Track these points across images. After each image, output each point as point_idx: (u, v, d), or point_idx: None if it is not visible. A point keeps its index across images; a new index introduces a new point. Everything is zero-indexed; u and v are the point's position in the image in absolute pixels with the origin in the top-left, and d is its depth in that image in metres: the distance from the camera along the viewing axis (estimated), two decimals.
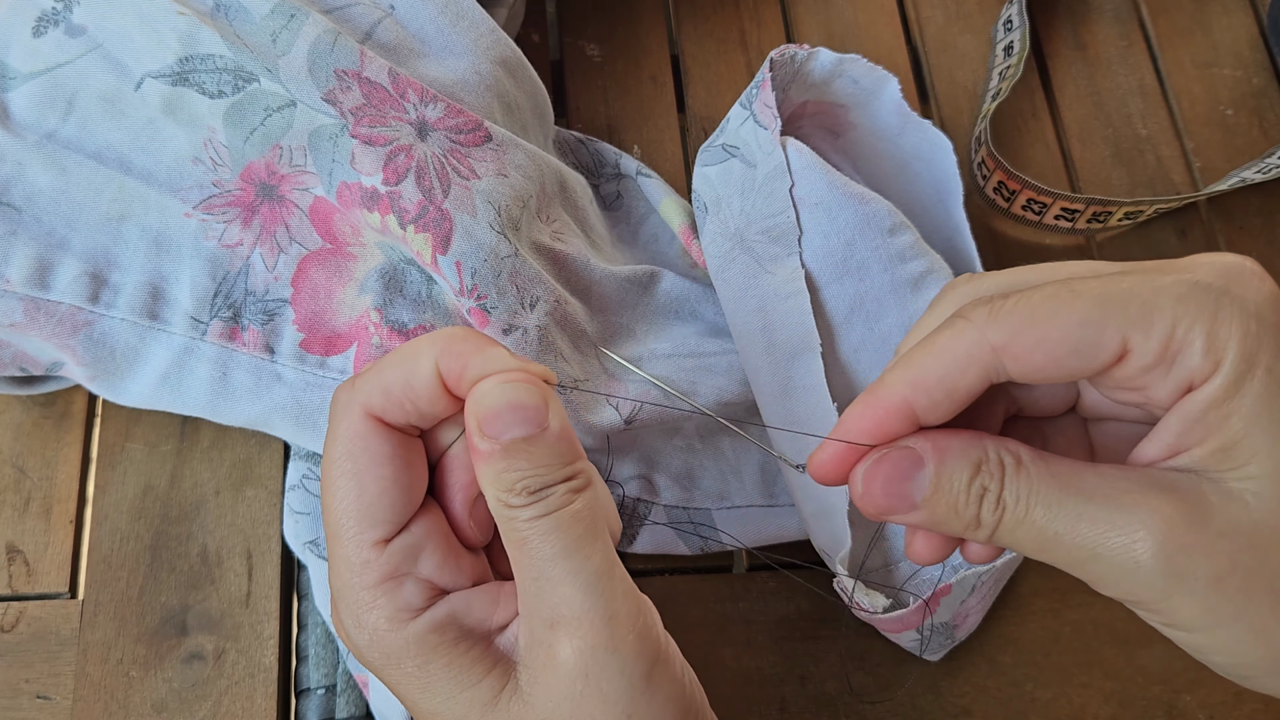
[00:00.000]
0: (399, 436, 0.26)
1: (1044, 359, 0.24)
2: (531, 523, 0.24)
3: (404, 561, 0.26)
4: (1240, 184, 0.48)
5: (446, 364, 0.25)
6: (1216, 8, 0.54)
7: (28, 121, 0.37)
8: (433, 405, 0.25)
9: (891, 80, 0.42)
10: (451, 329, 0.26)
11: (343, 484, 0.26)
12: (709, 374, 0.42)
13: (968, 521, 0.24)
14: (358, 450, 0.26)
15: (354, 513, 0.26)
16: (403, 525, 0.26)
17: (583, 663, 0.24)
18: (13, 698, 0.39)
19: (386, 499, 0.26)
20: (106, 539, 0.41)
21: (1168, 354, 0.23)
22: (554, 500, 0.24)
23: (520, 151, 0.39)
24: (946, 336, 0.24)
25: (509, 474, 0.24)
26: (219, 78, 0.37)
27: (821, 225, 0.38)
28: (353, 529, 0.26)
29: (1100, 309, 0.23)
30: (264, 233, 0.38)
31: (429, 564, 0.26)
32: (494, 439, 0.24)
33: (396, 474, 0.26)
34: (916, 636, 0.38)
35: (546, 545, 0.24)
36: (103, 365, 0.38)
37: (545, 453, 0.24)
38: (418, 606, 0.26)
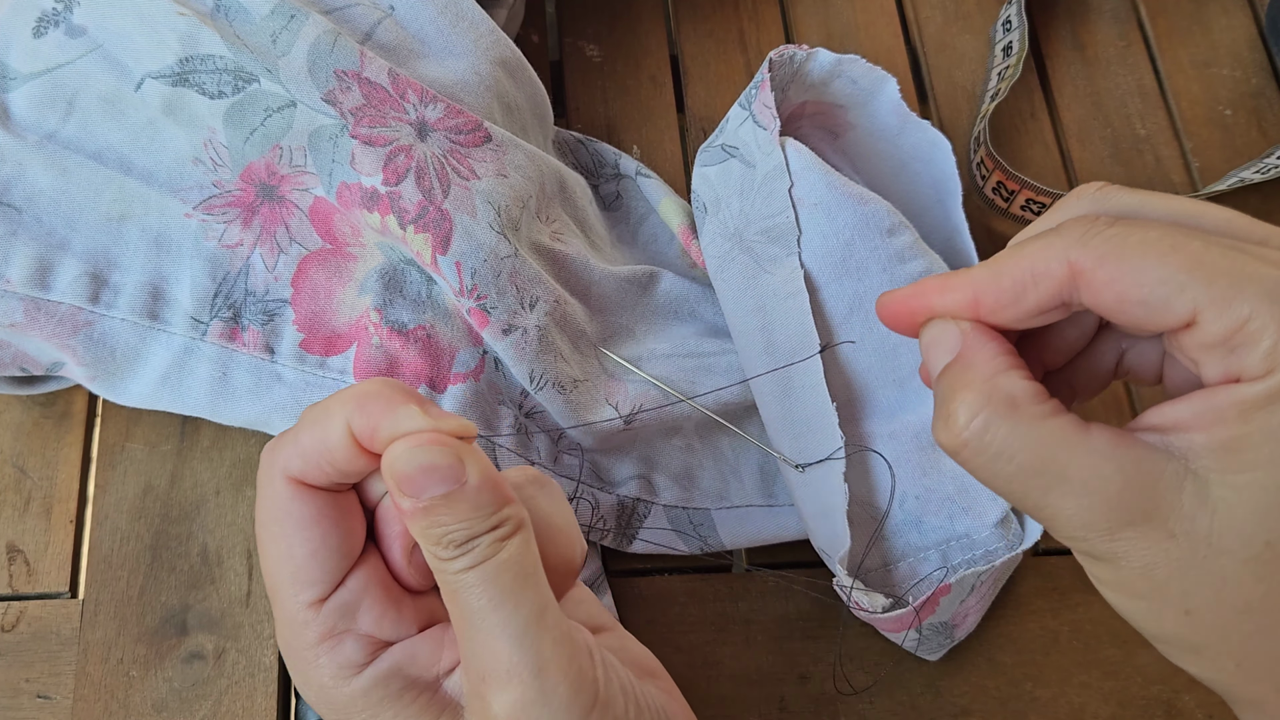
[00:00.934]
0: (324, 496, 0.26)
1: (1113, 299, 0.23)
2: (460, 575, 0.24)
3: (341, 619, 0.26)
4: (1239, 184, 0.48)
5: (358, 424, 0.25)
6: (1215, 8, 0.55)
7: (28, 122, 0.37)
8: (350, 464, 0.25)
9: (890, 80, 0.42)
10: (364, 385, 0.26)
11: (271, 548, 0.26)
12: (708, 374, 0.42)
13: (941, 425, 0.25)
14: (281, 515, 0.26)
15: (286, 576, 0.26)
16: (338, 582, 0.26)
17: (515, 717, 0.24)
18: (13, 697, 0.39)
19: (315, 560, 0.26)
20: (107, 539, 0.41)
21: (1230, 342, 0.22)
22: (480, 551, 0.24)
23: (520, 152, 0.39)
24: (1035, 245, 0.24)
25: (434, 529, 0.24)
26: (219, 78, 0.37)
27: (820, 225, 0.38)
28: (287, 591, 0.26)
29: (1186, 274, 0.23)
30: (264, 233, 0.38)
31: (368, 618, 0.26)
32: (414, 498, 0.24)
33: (324, 534, 0.26)
34: (916, 636, 0.38)
35: (475, 597, 0.24)
36: (103, 365, 0.38)
37: (466, 506, 0.24)
38: (359, 662, 0.26)
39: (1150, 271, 0.23)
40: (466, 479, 0.24)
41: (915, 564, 0.39)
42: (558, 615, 0.25)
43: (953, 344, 0.25)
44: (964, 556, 0.39)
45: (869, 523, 0.40)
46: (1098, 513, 0.23)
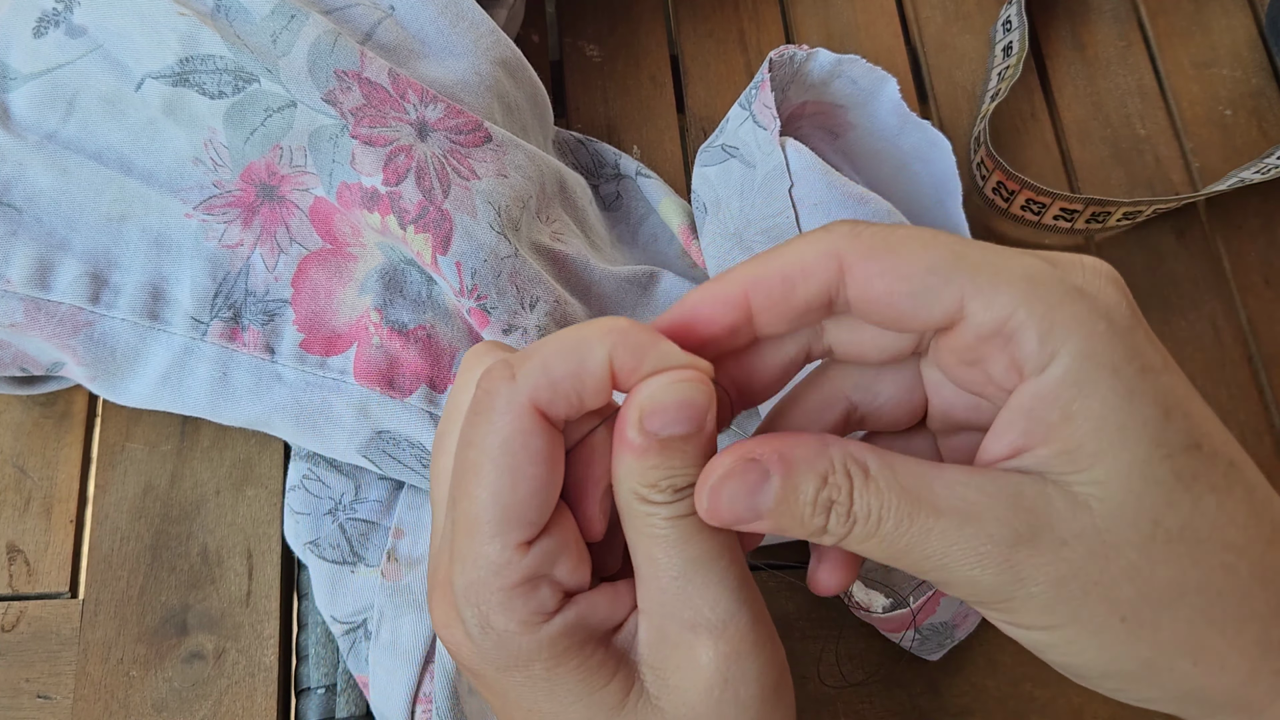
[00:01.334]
0: (557, 435, 0.25)
1: (882, 291, 0.23)
2: (672, 521, 0.24)
3: (544, 564, 0.25)
4: (1239, 184, 0.48)
5: (622, 358, 0.24)
6: (1215, 8, 0.55)
7: (28, 122, 0.37)
8: (598, 399, 0.24)
9: (890, 80, 0.42)
10: (616, 322, 0.24)
11: (495, 479, 0.24)
12: None
13: (812, 530, 0.24)
14: (518, 447, 0.24)
15: (500, 511, 0.24)
16: (545, 525, 0.25)
17: (724, 667, 0.24)
18: (13, 697, 0.39)
19: (536, 501, 0.24)
20: (107, 539, 0.41)
21: (1003, 330, 0.23)
22: (685, 506, 0.24)
23: (520, 152, 0.39)
24: (804, 240, 0.24)
25: (656, 470, 0.24)
26: (219, 78, 0.37)
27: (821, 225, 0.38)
28: (495, 528, 0.24)
29: (951, 265, 0.23)
30: (264, 233, 0.38)
31: (565, 566, 0.25)
32: (652, 434, 0.23)
33: (551, 474, 0.24)
34: (916, 636, 0.38)
35: (690, 546, 0.24)
36: (103, 365, 0.38)
37: (696, 453, 0.24)
38: (550, 610, 0.25)
39: (917, 261, 0.23)
40: (705, 426, 0.24)
41: None
42: (744, 565, 0.25)
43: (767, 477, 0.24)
44: None
45: None
46: (982, 539, 0.23)
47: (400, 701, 0.37)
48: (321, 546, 0.39)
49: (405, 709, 0.37)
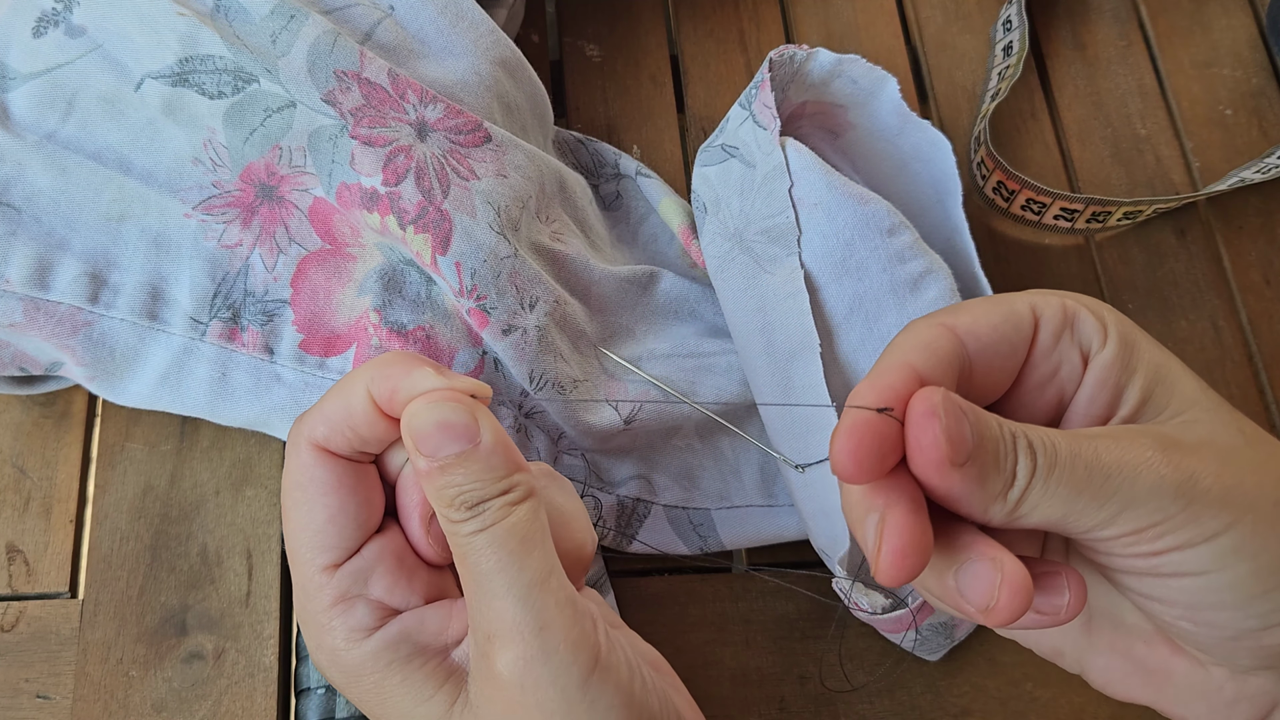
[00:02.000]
0: (345, 465, 0.27)
1: (988, 330, 0.26)
2: (470, 537, 0.25)
3: (353, 585, 0.27)
4: (1239, 184, 0.48)
5: (377, 389, 0.26)
6: (1216, 8, 0.55)
7: (28, 122, 0.37)
8: (371, 429, 0.27)
9: (890, 80, 0.42)
10: (383, 355, 0.27)
11: (294, 513, 0.27)
12: (708, 374, 0.42)
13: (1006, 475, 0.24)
14: (305, 480, 0.27)
15: (304, 540, 0.27)
16: (354, 549, 0.27)
17: (517, 673, 0.25)
18: (13, 697, 0.39)
19: (333, 526, 0.27)
20: (106, 539, 0.41)
21: (1066, 318, 0.26)
22: (490, 515, 0.25)
23: (520, 152, 0.39)
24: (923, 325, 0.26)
25: (448, 490, 0.25)
26: (219, 78, 0.37)
27: (820, 225, 0.38)
28: (304, 555, 0.27)
29: (1014, 296, 0.27)
30: (263, 233, 0.38)
31: (380, 585, 0.27)
32: (430, 456, 0.25)
33: (343, 502, 0.27)
34: (916, 636, 0.38)
35: (484, 559, 0.25)
36: (102, 365, 0.38)
37: (479, 466, 0.25)
38: (369, 626, 0.27)
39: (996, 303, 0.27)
40: (480, 439, 0.25)
41: None
42: (562, 580, 0.26)
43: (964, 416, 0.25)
44: None
45: None
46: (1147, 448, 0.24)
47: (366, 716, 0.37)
48: None
49: None
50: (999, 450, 0.24)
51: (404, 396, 0.26)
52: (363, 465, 0.28)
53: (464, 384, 0.26)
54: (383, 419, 0.26)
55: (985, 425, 0.24)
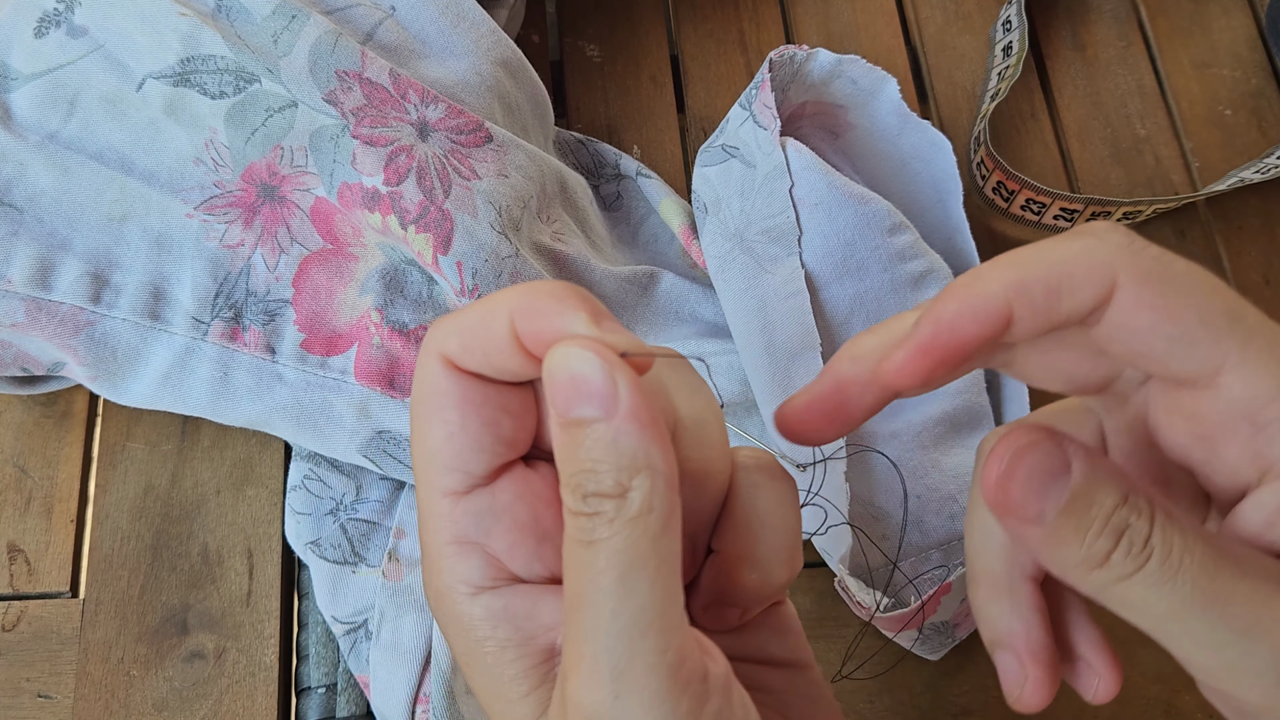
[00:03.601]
0: (475, 382, 0.22)
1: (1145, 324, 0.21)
2: (573, 541, 0.21)
3: (474, 528, 0.22)
4: (1239, 184, 0.48)
5: (523, 324, 0.21)
6: (1215, 8, 0.55)
7: (30, 122, 0.37)
8: (508, 362, 0.22)
9: (890, 81, 0.42)
10: (538, 284, 0.22)
11: (416, 430, 0.23)
12: (709, 374, 0.42)
13: (1086, 557, 0.20)
14: (427, 394, 0.23)
15: (421, 457, 0.23)
16: (479, 478, 0.23)
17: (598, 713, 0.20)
18: (14, 696, 0.39)
19: (452, 445, 0.22)
20: (107, 538, 0.41)
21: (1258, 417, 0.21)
22: (599, 524, 0.20)
23: (521, 152, 0.39)
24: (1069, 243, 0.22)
25: (567, 462, 0.21)
26: (220, 78, 0.37)
27: (821, 225, 0.38)
28: (423, 474, 0.23)
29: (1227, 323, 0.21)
30: (265, 233, 0.38)
31: (502, 540, 0.22)
32: (562, 413, 0.20)
33: (464, 419, 0.22)
34: (917, 636, 0.38)
35: (580, 573, 0.20)
36: (104, 365, 0.38)
37: (601, 445, 0.20)
38: (479, 584, 0.22)
39: (1193, 305, 0.20)
40: (617, 410, 0.20)
41: (917, 563, 0.39)
42: (669, 633, 0.20)
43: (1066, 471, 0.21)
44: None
45: (870, 522, 0.40)
46: None
47: (401, 701, 0.37)
48: (323, 546, 0.39)
49: (406, 709, 0.37)
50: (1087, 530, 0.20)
51: (548, 338, 0.21)
52: (506, 387, 0.23)
53: (621, 340, 0.21)
54: (522, 354, 0.21)
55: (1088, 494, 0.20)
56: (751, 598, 0.23)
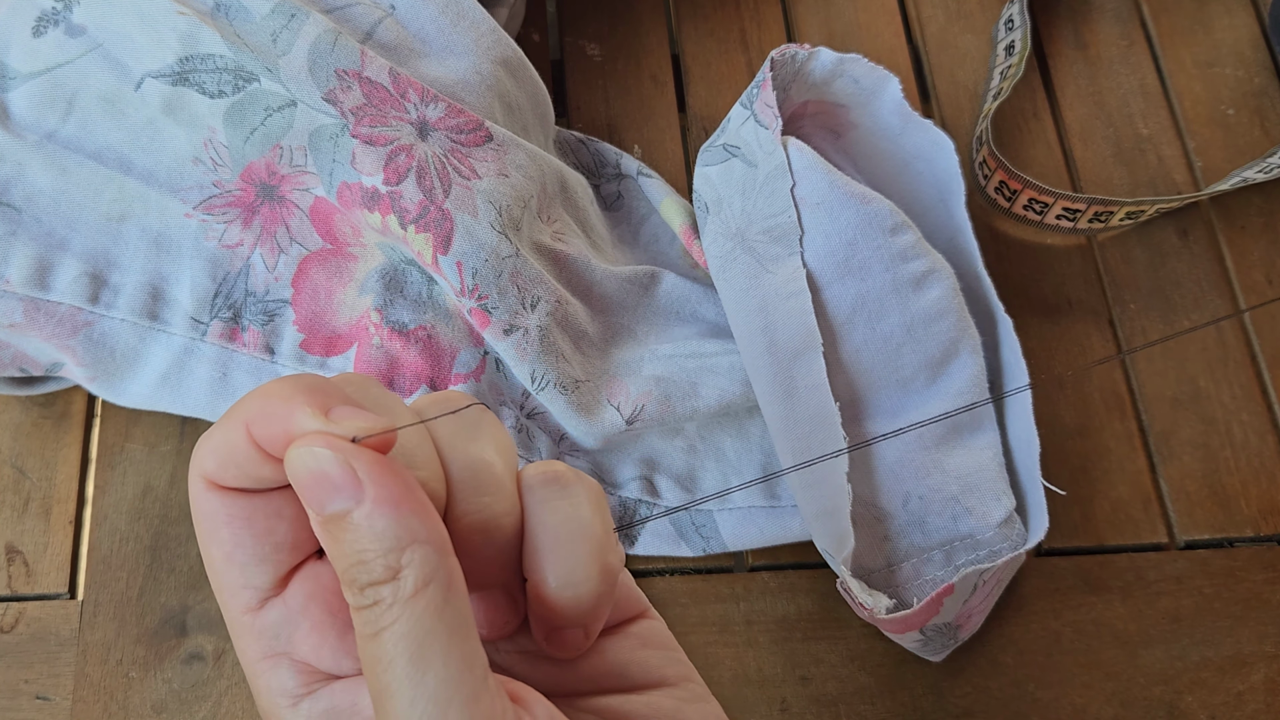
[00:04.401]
0: (240, 498, 0.22)
1: None
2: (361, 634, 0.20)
3: (275, 639, 0.22)
4: (1242, 184, 0.48)
5: (259, 430, 0.21)
6: (1218, 7, 0.54)
7: (28, 121, 0.37)
8: (260, 470, 0.22)
9: (892, 80, 0.42)
10: (269, 386, 0.22)
11: (202, 552, 0.23)
12: (710, 374, 0.42)
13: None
14: (198, 517, 0.23)
15: (214, 581, 0.23)
16: (270, 591, 0.23)
17: None
18: (12, 698, 0.39)
19: (231, 566, 0.22)
20: (106, 539, 0.41)
21: None
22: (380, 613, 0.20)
23: (521, 151, 0.39)
24: None
25: (337, 559, 0.20)
26: (219, 78, 0.37)
27: (823, 225, 0.38)
28: (219, 596, 0.23)
29: None
30: (264, 233, 0.38)
31: (305, 644, 0.22)
32: (317, 511, 0.20)
33: (236, 537, 0.22)
34: (920, 637, 0.38)
35: (374, 665, 0.20)
36: (102, 366, 0.37)
37: (358, 535, 0.20)
38: (295, 693, 0.22)
39: None
40: (364, 495, 0.20)
41: (919, 565, 0.39)
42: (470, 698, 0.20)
43: None
44: (968, 557, 0.39)
45: (872, 523, 0.39)
46: None
47: None
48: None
49: None
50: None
51: (282, 440, 0.21)
52: (274, 493, 0.23)
53: (350, 425, 0.20)
54: (269, 460, 0.21)
55: None
56: (571, 614, 0.23)
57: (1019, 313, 0.44)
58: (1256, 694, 0.40)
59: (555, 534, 0.23)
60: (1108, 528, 0.43)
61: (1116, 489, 0.44)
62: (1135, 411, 0.45)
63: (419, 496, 0.20)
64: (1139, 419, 0.45)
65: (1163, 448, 0.45)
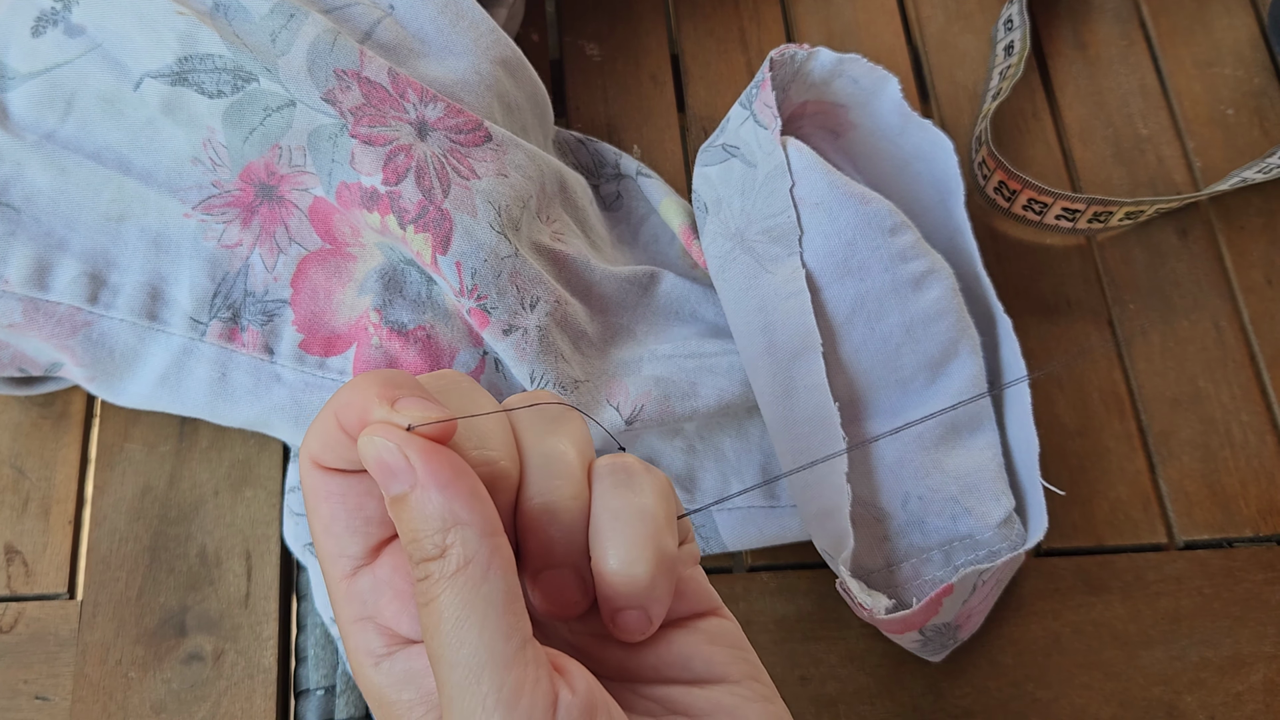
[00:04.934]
0: (334, 476, 0.25)
1: None
2: (420, 599, 0.23)
3: (365, 604, 0.25)
4: (1241, 184, 0.48)
5: (344, 418, 0.24)
6: (1217, 7, 0.54)
7: (27, 121, 0.37)
8: (350, 453, 0.24)
9: (892, 80, 0.42)
10: (356, 379, 0.24)
11: (309, 524, 0.26)
12: (710, 374, 0.41)
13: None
14: (305, 495, 0.26)
15: (317, 550, 0.26)
16: (362, 560, 0.25)
17: None
18: (11, 698, 0.39)
19: (329, 536, 0.25)
20: (105, 539, 0.41)
21: None
22: (429, 586, 0.22)
23: (520, 151, 0.39)
24: None
25: (403, 538, 0.23)
26: (218, 78, 0.37)
27: (822, 225, 0.38)
28: (321, 565, 0.26)
29: None
30: (263, 233, 0.38)
31: (388, 610, 0.25)
32: (385, 493, 0.23)
33: (334, 511, 0.25)
34: (919, 637, 0.38)
35: (426, 630, 0.22)
36: (101, 366, 0.37)
37: (411, 516, 0.22)
38: (378, 653, 0.25)
39: None
40: (416, 480, 0.22)
41: (918, 565, 0.39)
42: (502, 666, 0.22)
43: None
44: (967, 557, 0.39)
45: (872, 523, 0.39)
46: None
47: None
48: None
49: None
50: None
51: (358, 427, 0.23)
52: (362, 475, 0.25)
53: (410, 414, 0.23)
54: (354, 444, 0.24)
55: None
56: (628, 594, 0.24)
57: (1018, 313, 0.44)
58: (1255, 694, 0.40)
59: (614, 516, 0.24)
60: (1107, 528, 0.43)
61: (1116, 489, 0.44)
62: (1135, 412, 0.45)
63: (467, 482, 0.22)
64: (1138, 419, 0.45)
65: (1162, 448, 0.45)
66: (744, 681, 0.26)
